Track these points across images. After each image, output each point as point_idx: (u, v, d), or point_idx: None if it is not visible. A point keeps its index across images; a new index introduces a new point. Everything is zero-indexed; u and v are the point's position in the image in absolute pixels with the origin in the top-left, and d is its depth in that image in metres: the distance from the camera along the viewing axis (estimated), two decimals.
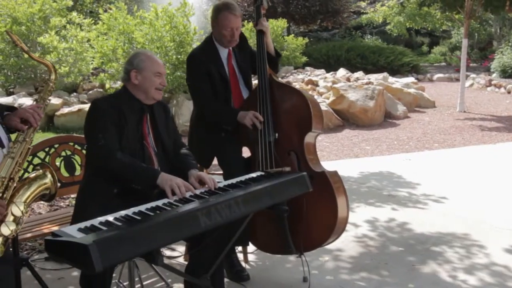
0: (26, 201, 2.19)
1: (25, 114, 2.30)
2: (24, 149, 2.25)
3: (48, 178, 2.29)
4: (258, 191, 2.71)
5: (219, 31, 3.47)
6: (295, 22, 23.05)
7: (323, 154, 7.57)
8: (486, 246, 4.07)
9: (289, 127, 3.40)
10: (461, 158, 7.25)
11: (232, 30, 3.45)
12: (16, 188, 2.20)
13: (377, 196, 5.48)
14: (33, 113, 2.31)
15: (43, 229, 3.25)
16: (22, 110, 2.35)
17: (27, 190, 2.22)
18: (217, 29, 3.49)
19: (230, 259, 3.55)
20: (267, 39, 3.58)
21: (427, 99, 11.79)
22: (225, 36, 3.47)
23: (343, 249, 4.07)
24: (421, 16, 20.54)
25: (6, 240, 2.09)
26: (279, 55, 3.75)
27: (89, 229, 2.15)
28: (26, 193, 2.21)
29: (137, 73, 2.85)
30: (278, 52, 3.73)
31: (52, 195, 2.32)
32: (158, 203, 2.49)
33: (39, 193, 2.27)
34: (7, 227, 2.08)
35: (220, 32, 3.47)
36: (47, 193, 2.32)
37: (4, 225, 2.07)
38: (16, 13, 10.57)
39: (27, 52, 2.43)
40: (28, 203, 2.20)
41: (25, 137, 2.28)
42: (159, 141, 2.97)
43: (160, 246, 2.22)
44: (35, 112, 2.32)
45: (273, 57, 3.65)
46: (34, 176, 2.28)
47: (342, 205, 3.28)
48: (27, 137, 2.29)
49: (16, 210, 2.14)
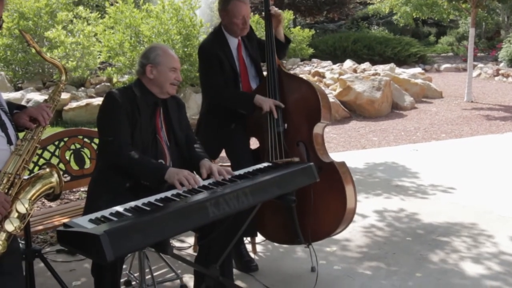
0: (31, 198, 2.21)
1: (35, 113, 2.32)
2: (31, 147, 2.27)
3: (54, 178, 2.31)
4: (265, 182, 2.73)
5: (230, 20, 3.47)
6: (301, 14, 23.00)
7: (330, 146, 7.57)
8: (494, 236, 4.08)
9: (298, 117, 3.41)
10: (469, 148, 7.24)
11: (243, 18, 3.46)
12: (22, 186, 2.22)
13: (385, 186, 5.49)
14: (42, 112, 2.33)
15: (54, 221, 3.29)
16: (31, 109, 2.37)
17: (33, 188, 2.23)
18: (228, 19, 3.49)
19: (239, 249, 3.58)
20: (279, 27, 3.59)
21: (434, 89, 11.74)
22: (237, 25, 3.47)
23: (351, 239, 4.09)
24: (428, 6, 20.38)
25: (9, 236, 2.11)
26: (289, 41, 3.75)
27: (100, 220, 2.18)
28: (32, 191, 2.23)
29: (152, 67, 2.86)
30: (288, 38, 3.73)
31: (56, 195, 2.35)
32: (167, 194, 2.52)
33: (44, 192, 2.29)
34: (11, 223, 2.10)
35: (231, 21, 3.47)
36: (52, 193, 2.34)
37: (8, 221, 2.09)
38: (23, 8, 10.60)
39: (39, 52, 2.44)
40: (33, 201, 2.22)
41: (33, 135, 2.29)
42: (172, 135, 2.98)
43: (170, 236, 2.25)
44: (44, 111, 2.34)
45: (284, 44, 3.66)
46: (41, 175, 2.29)
47: (350, 196, 3.30)
48: (35, 135, 2.30)
49: (20, 207, 2.15)
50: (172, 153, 2.95)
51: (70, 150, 3.67)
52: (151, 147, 2.86)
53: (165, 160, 2.89)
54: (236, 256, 3.57)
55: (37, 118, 2.32)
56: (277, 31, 3.58)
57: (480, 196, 5.11)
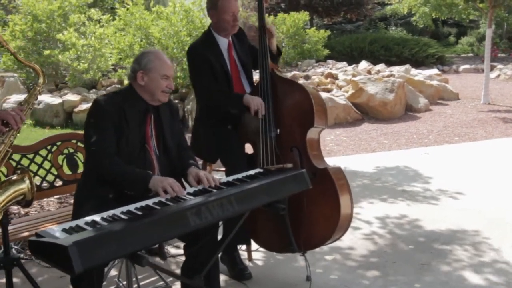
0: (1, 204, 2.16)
1: (6, 116, 2.28)
2: (2, 150, 2.23)
3: (25, 184, 2.26)
4: (253, 189, 2.65)
5: (221, 17, 3.43)
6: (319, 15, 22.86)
7: (339, 149, 7.46)
8: (499, 244, 3.93)
9: (291, 122, 3.32)
10: (482, 152, 7.04)
11: (234, 14, 3.43)
12: None
13: (391, 191, 5.36)
14: (14, 116, 2.28)
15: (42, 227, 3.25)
16: (3, 112, 2.34)
17: (3, 194, 2.20)
18: (217, 16, 3.45)
19: (233, 257, 3.50)
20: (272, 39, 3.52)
21: (450, 91, 11.52)
22: (227, 22, 3.43)
23: (352, 247, 3.98)
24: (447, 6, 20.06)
25: None
26: (280, 53, 3.69)
27: (73, 230, 2.12)
28: (1, 197, 2.19)
29: (143, 74, 2.77)
30: (280, 50, 3.66)
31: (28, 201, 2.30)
32: (148, 202, 2.45)
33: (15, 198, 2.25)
34: None
35: (221, 18, 3.43)
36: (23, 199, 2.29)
37: None
38: (36, 10, 10.70)
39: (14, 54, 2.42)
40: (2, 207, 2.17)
41: (4, 139, 2.26)
42: (162, 143, 2.89)
43: (147, 246, 2.19)
44: (17, 114, 2.30)
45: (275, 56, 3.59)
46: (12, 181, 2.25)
47: (345, 202, 3.20)
48: (6, 139, 2.26)
49: None
50: (162, 162, 2.86)
51: (63, 154, 3.63)
52: (139, 157, 2.77)
53: (153, 170, 2.79)
54: (229, 264, 3.50)
55: (8, 121, 2.28)
56: (270, 42, 3.50)
57: (489, 202, 4.94)
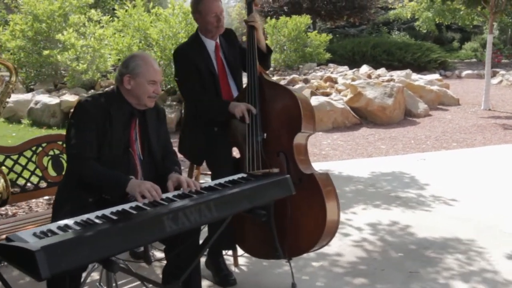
0: None
1: None
2: None
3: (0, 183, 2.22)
4: (234, 195, 2.60)
5: (204, 19, 3.41)
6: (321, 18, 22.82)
7: (335, 153, 7.41)
8: (490, 253, 3.87)
9: (278, 127, 3.27)
10: (479, 159, 6.98)
11: (217, 15, 3.39)
12: None
13: (385, 197, 5.30)
14: None
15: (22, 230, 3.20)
16: None
17: None
18: (202, 19, 3.42)
19: (217, 262, 3.45)
20: (258, 35, 3.47)
21: (450, 96, 11.45)
22: (211, 23, 3.40)
23: (341, 254, 3.93)
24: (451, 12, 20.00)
25: None
26: (270, 51, 3.63)
27: (44, 234, 2.08)
28: None
29: (130, 78, 2.72)
30: (270, 49, 3.62)
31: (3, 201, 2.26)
32: (125, 206, 2.40)
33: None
34: None
35: (205, 20, 3.40)
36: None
37: None
38: (37, 10, 10.70)
39: None
40: None
41: None
42: (147, 148, 2.84)
43: (119, 252, 2.12)
44: None
45: (264, 54, 3.53)
46: None
47: (331, 209, 3.15)
48: None
49: None
50: (145, 167, 2.81)
51: (48, 156, 3.58)
52: (122, 160, 2.72)
53: (137, 175, 2.75)
54: (214, 269, 3.46)
55: None
56: (257, 39, 3.45)
57: (483, 209, 4.88)
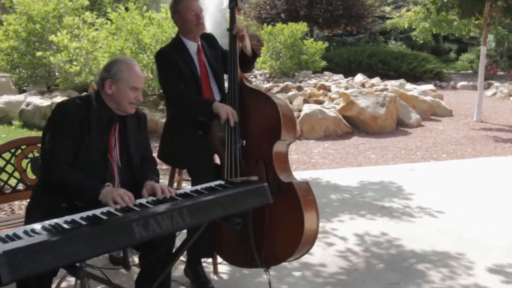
0: None
1: None
2: None
3: None
4: (208, 202, 2.57)
5: (184, 18, 3.42)
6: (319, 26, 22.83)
7: (324, 162, 7.38)
8: (473, 266, 3.84)
9: (257, 134, 3.25)
10: (467, 170, 6.94)
11: (195, 13, 3.40)
12: None
13: (371, 207, 5.27)
14: None
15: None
16: None
17: None
18: (181, 20, 3.44)
19: (196, 270, 3.42)
20: (245, 42, 3.45)
21: (443, 107, 11.44)
22: (191, 21, 3.41)
23: (323, 264, 3.90)
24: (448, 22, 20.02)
25: None
26: (256, 56, 3.62)
27: (9, 238, 2.04)
28: None
29: (112, 83, 2.68)
30: (256, 53, 3.60)
31: None
32: (96, 211, 2.37)
33: None
34: None
35: (184, 19, 3.42)
36: None
37: None
38: (31, 11, 10.67)
39: None
40: None
41: None
42: (126, 154, 2.81)
43: (86, 258, 2.09)
44: None
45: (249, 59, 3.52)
46: None
47: (309, 218, 3.11)
48: None
49: None
50: (123, 174, 2.78)
51: (27, 158, 3.54)
52: (99, 167, 2.68)
53: (114, 182, 2.72)
54: (192, 277, 3.42)
55: None
56: (244, 45, 3.44)
57: (468, 222, 4.85)
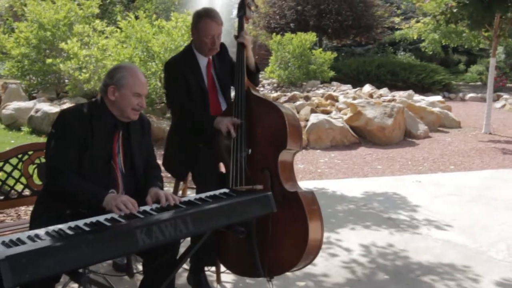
0: None
1: None
2: None
3: None
4: (212, 210, 2.57)
5: (200, 38, 3.39)
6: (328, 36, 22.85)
7: (331, 172, 7.36)
8: (479, 279, 3.81)
9: (263, 143, 3.25)
10: (475, 182, 6.88)
11: (213, 37, 3.37)
12: None
13: (376, 218, 5.24)
14: None
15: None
16: None
17: None
18: (198, 37, 3.41)
19: (198, 278, 3.41)
20: (248, 52, 3.46)
21: (452, 119, 11.39)
22: (206, 44, 3.38)
23: (328, 275, 3.87)
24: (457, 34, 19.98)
25: None
26: (259, 70, 3.63)
27: (13, 243, 2.06)
28: None
29: (115, 89, 2.70)
30: (258, 67, 3.61)
31: None
32: (100, 218, 2.38)
33: None
34: None
35: (200, 39, 3.39)
36: None
37: None
38: (42, 18, 10.77)
39: None
40: None
41: None
42: (130, 161, 2.82)
43: (89, 264, 2.10)
44: None
45: (252, 72, 3.53)
46: None
47: (314, 228, 3.11)
48: None
49: None
50: (127, 181, 2.79)
51: (34, 164, 3.56)
52: (103, 173, 2.70)
53: (117, 189, 2.73)
54: (195, 285, 3.41)
55: None
56: (246, 56, 3.44)
57: (476, 234, 4.80)
